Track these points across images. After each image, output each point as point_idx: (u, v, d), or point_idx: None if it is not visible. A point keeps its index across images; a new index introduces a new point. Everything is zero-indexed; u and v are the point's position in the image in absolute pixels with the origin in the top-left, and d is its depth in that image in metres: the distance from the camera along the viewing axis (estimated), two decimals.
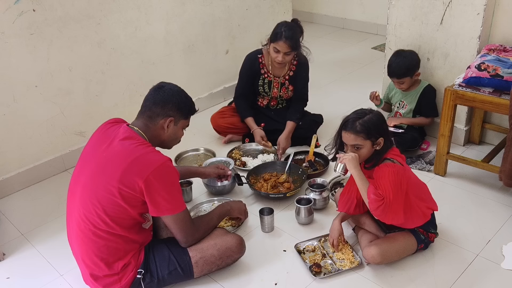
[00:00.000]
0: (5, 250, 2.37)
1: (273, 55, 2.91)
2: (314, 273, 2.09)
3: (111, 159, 1.82)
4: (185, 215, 1.91)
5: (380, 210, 1.92)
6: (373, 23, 5.34)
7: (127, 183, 1.77)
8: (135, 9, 3.12)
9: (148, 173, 1.76)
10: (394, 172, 1.93)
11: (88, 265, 1.88)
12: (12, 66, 2.65)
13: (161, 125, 1.93)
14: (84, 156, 1.94)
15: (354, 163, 1.99)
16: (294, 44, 2.84)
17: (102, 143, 1.87)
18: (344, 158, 2.01)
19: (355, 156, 2.00)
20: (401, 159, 2.04)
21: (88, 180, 1.84)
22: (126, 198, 1.79)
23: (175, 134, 2.01)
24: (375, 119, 2.01)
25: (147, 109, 1.94)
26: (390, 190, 1.90)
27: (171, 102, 1.93)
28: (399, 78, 2.87)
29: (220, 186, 2.65)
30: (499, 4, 2.70)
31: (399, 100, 3.02)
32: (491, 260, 2.14)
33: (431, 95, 2.95)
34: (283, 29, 2.82)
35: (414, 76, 2.89)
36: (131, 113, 2.29)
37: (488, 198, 2.55)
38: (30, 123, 2.83)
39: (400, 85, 2.92)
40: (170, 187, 1.83)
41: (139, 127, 1.91)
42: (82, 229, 1.84)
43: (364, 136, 1.98)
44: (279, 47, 2.84)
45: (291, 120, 3.03)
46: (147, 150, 1.83)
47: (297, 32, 2.88)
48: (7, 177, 2.82)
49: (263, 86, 3.12)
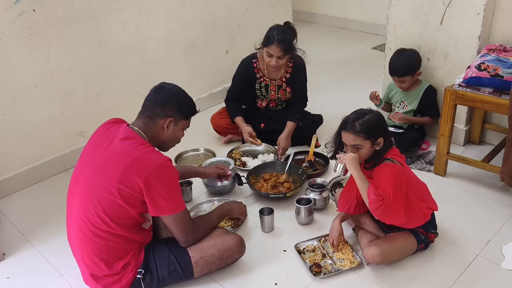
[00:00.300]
0: (5, 250, 2.37)
1: (266, 59, 2.90)
2: (314, 273, 2.09)
3: (111, 159, 1.81)
4: (185, 215, 1.91)
5: (380, 210, 1.92)
6: (373, 23, 5.34)
7: (127, 183, 1.77)
8: (135, 9, 3.12)
9: (148, 173, 1.76)
10: (394, 172, 1.93)
11: (88, 265, 1.88)
12: (12, 66, 2.66)
13: (161, 125, 1.93)
14: (84, 156, 1.94)
15: (354, 163, 1.99)
16: (286, 48, 2.82)
17: (102, 143, 1.87)
18: (344, 158, 2.01)
19: (355, 156, 2.00)
20: (401, 159, 2.04)
21: (88, 180, 1.84)
22: (126, 198, 1.79)
23: (175, 135, 2.00)
24: (375, 119, 2.01)
25: (147, 109, 1.93)
26: (390, 190, 1.90)
27: (171, 102, 1.92)
28: (400, 76, 2.87)
29: (220, 186, 2.65)
30: (499, 4, 2.70)
31: (399, 100, 3.02)
32: (491, 260, 2.14)
33: (433, 95, 2.95)
34: (275, 33, 2.80)
35: (415, 75, 2.89)
36: (131, 113, 2.29)
37: (488, 198, 2.55)
38: (30, 123, 2.83)
39: (401, 84, 2.92)
40: (170, 187, 1.83)
41: (139, 127, 1.91)
42: (82, 229, 1.84)
43: (363, 136, 1.98)
44: (272, 51, 2.83)
45: (291, 121, 3.03)
46: (147, 150, 1.83)
47: (290, 35, 2.86)
48: (7, 177, 2.82)
49: (260, 89, 3.12)
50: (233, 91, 3.19)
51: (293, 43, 2.90)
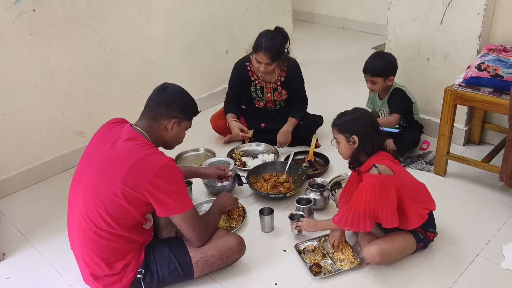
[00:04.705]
0: (5, 250, 2.37)
1: (255, 65, 2.90)
2: (314, 273, 2.09)
3: (115, 160, 1.82)
4: (194, 213, 1.92)
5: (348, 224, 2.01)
6: (373, 23, 5.35)
7: (131, 185, 1.77)
8: (135, 9, 3.12)
9: (152, 175, 1.76)
10: (373, 184, 1.94)
11: (89, 265, 1.88)
12: (12, 66, 2.66)
13: (165, 126, 1.93)
14: (87, 155, 1.94)
15: (310, 226, 2.22)
16: (274, 55, 2.80)
17: (105, 143, 1.87)
18: (299, 226, 2.26)
19: (307, 220, 2.24)
20: (390, 162, 2.01)
21: (90, 180, 1.84)
22: (129, 199, 1.79)
23: (178, 135, 2.01)
24: (353, 117, 2.05)
25: (150, 109, 1.94)
26: (362, 201, 1.95)
27: (175, 103, 1.93)
28: (372, 76, 2.81)
29: (220, 187, 2.65)
30: (499, 4, 2.70)
31: (379, 109, 3.02)
32: (491, 260, 2.14)
33: (398, 94, 2.88)
34: (263, 40, 2.79)
35: (388, 80, 2.83)
36: (131, 113, 2.29)
37: (488, 198, 2.55)
38: (30, 123, 2.83)
39: (372, 84, 2.86)
40: (176, 186, 1.83)
41: (142, 128, 1.91)
42: (84, 228, 1.84)
43: (337, 129, 2.06)
44: (260, 58, 2.82)
45: (292, 117, 3.04)
46: (151, 151, 1.83)
47: (278, 41, 2.81)
48: (7, 177, 2.82)
49: (255, 92, 3.12)
50: (230, 95, 3.19)
51: (283, 49, 2.85)
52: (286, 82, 3.06)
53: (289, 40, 2.91)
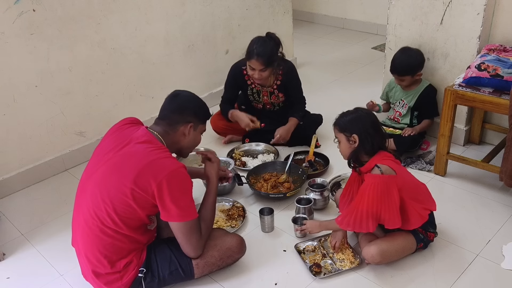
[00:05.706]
0: (5, 250, 2.37)
1: (249, 72, 2.90)
2: (314, 273, 2.09)
3: (127, 160, 1.82)
4: (193, 225, 1.89)
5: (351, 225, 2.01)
6: (373, 23, 5.35)
7: (141, 185, 1.78)
8: (135, 9, 3.12)
9: (162, 176, 1.77)
10: (375, 184, 1.94)
11: (91, 261, 1.88)
12: (12, 66, 2.66)
13: (182, 131, 1.96)
14: (99, 152, 1.94)
15: (314, 227, 2.22)
16: (266, 61, 2.80)
17: (120, 142, 1.88)
18: (304, 230, 2.25)
19: (311, 223, 2.23)
20: (393, 163, 2.02)
21: (101, 177, 1.85)
22: (137, 199, 1.79)
23: (195, 140, 2.05)
24: (355, 116, 2.05)
25: (165, 117, 1.97)
26: (364, 201, 1.94)
27: (188, 108, 1.98)
28: (400, 75, 2.88)
29: (220, 187, 2.64)
30: (499, 4, 2.70)
31: (399, 98, 3.02)
32: (491, 260, 2.14)
33: (433, 95, 2.95)
34: (254, 47, 2.79)
35: (416, 75, 2.89)
36: (131, 113, 2.29)
37: (488, 198, 2.55)
38: (30, 123, 2.83)
39: (400, 81, 2.93)
40: (182, 193, 1.83)
41: (158, 132, 1.94)
42: (90, 225, 1.84)
43: (338, 128, 2.07)
44: (253, 65, 2.82)
45: (293, 116, 3.04)
46: (164, 155, 1.84)
47: (270, 47, 2.81)
48: (7, 177, 2.82)
49: (252, 95, 3.12)
50: (226, 98, 3.19)
51: (275, 54, 2.85)
52: (282, 85, 3.05)
53: (281, 45, 2.90)
